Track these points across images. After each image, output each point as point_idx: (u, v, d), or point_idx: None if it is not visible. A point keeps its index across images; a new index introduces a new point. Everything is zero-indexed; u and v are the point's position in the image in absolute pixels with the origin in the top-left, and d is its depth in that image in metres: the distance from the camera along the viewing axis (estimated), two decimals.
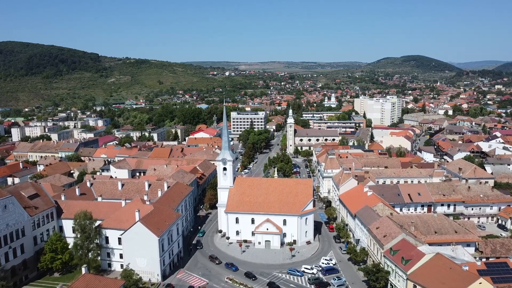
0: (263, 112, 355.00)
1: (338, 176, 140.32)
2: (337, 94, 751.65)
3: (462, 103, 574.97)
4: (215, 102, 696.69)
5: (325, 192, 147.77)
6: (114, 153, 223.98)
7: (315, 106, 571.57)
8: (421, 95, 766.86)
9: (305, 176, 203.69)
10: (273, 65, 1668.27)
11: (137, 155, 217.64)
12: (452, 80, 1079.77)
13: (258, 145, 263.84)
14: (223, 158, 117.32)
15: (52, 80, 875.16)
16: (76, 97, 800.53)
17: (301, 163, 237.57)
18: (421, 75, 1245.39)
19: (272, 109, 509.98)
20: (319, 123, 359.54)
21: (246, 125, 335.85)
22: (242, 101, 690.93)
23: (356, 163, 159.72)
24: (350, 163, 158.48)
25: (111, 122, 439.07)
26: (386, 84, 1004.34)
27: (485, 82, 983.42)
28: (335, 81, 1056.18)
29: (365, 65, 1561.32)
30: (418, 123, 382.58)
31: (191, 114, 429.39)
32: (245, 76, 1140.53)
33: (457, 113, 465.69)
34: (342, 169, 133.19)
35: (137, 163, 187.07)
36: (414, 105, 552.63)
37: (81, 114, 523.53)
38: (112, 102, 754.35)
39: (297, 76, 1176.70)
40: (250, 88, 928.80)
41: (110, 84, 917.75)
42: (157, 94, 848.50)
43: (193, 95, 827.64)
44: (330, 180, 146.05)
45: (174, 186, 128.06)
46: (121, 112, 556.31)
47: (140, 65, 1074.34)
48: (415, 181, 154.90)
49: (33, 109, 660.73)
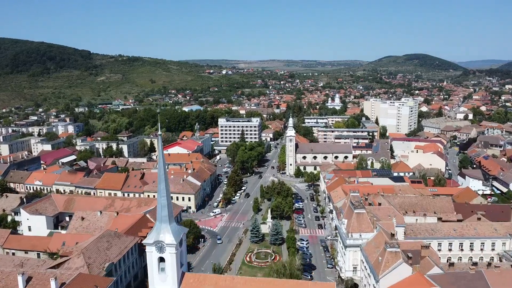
0: (258, 119, 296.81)
1: (372, 247, 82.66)
2: (340, 94, 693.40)
3: (478, 105, 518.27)
4: (209, 102, 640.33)
5: (349, 270, 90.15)
6: (52, 180, 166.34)
7: (317, 108, 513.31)
8: (430, 95, 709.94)
9: (310, 216, 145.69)
10: (273, 63, 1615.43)
11: (80, 183, 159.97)
12: (458, 80, 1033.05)
13: (249, 164, 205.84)
14: (157, 240, 59.47)
15: (38, 78, 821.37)
16: (61, 96, 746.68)
17: (304, 191, 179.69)
18: (425, 74, 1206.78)
19: (270, 112, 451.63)
20: (325, 131, 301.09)
21: (237, 133, 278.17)
22: (237, 102, 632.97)
23: (392, 213, 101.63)
24: (386, 214, 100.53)
25: (85, 127, 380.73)
26: (390, 83, 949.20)
27: (493, 82, 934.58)
28: (337, 80, 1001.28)
29: (367, 64, 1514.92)
30: (440, 131, 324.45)
31: (176, 119, 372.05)
32: (243, 75, 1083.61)
33: (478, 117, 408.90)
34: (385, 248, 75.27)
35: (67, 202, 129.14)
36: (427, 108, 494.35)
37: (53, 117, 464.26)
38: (99, 102, 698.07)
39: (297, 75, 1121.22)
40: (247, 87, 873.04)
41: (99, 83, 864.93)
42: (148, 94, 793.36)
43: (186, 94, 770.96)
44: (357, 251, 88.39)
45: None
46: (101, 114, 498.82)
47: (133, 63, 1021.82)
48: (488, 244, 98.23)
49: (11, 110, 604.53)
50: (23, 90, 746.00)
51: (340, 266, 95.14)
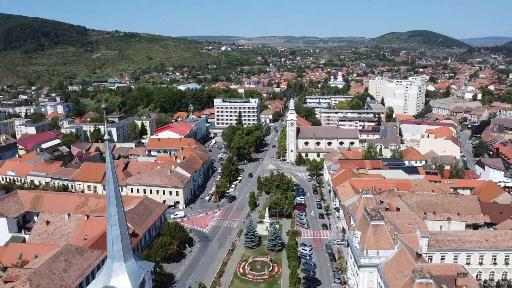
0: (256, 99, 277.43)
1: (394, 270, 66.27)
2: (342, 71, 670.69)
3: (486, 84, 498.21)
4: (207, 80, 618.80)
5: None
6: (27, 170, 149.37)
7: (319, 86, 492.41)
8: (435, 73, 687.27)
9: (313, 213, 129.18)
10: (273, 40, 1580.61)
11: (57, 174, 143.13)
12: (463, 57, 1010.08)
13: (246, 150, 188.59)
14: (107, 286, 42.59)
15: (32, 55, 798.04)
16: (55, 74, 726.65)
17: (306, 181, 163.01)
18: (429, 51, 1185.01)
19: (270, 91, 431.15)
20: (328, 113, 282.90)
21: (235, 115, 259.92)
22: (237, 80, 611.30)
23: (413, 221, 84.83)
24: (406, 221, 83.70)
25: (75, 107, 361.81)
26: (393, 60, 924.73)
27: (499, 60, 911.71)
28: (339, 57, 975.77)
29: (369, 40, 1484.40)
30: (450, 112, 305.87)
31: (170, 98, 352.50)
32: (243, 52, 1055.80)
33: (487, 97, 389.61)
34: (413, 278, 58.70)
35: (35, 200, 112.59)
36: (434, 87, 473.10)
37: (43, 97, 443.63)
38: (94, 80, 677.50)
39: (298, 52, 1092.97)
40: (247, 64, 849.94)
41: (94, 60, 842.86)
42: (144, 71, 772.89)
43: (184, 72, 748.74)
44: (373, 272, 71.97)
45: None
46: (95, 93, 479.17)
47: (130, 39, 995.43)
48: None
49: (2, 88, 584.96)
50: (16, 68, 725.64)
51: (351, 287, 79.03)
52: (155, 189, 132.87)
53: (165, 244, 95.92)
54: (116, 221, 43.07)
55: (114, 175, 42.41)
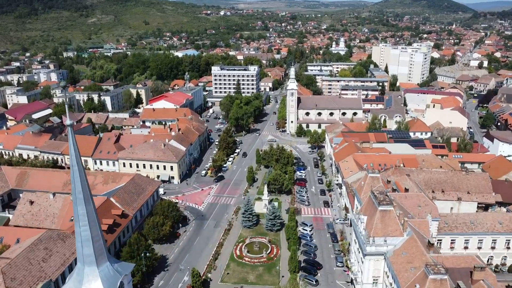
0: (255, 67, 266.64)
1: (403, 260, 60.70)
2: (344, 37, 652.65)
3: (492, 51, 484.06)
4: (205, 46, 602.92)
5: (367, 283, 68.69)
6: (15, 142, 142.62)
7: (321, 53, 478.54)
8: (439, 39, 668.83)
9: (314, 189, 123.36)
10: (274, 3, 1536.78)
11: (45, 147, 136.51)
12: (468, 23, 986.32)
13: (244, 121, 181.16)
14: None
15: (25, 20, 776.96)
16: (49, 40, 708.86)
17: (307, 154, 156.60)
18: (433, 16, 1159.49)
19: (270, 58, 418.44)
20: (330, 81, 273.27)
21: (233, 83, 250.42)
22: (236, 46, 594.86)
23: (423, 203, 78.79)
24: (415, 203, 77.61)
25: (69, 75, 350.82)
26: (397, 26, 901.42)
27: (505, 25, 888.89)
28: (341, 22, 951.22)
29: (372, 5, 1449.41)
30: (455, 81, 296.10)
31: (167, 65, 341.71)
32: (242, 16, 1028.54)
33: (493, 65, 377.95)
34: (426, 273, 52.85)
35: (20, 177, 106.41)
36: (438, 54, 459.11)
37: (37, 64, 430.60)
38: (89, 46, 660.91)
39: (299, 16, 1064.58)
40: (247, 29, 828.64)
41: (90, 25, 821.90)
42: (141, 37, 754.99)
43: (182, 38, 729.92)
44: (380, 260, 66.48)
45: None
46: (90, 59, 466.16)
47: (126, 3, 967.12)
48: None
49: None
50: (9, 33, 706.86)
51: (355, 274, 73.79)
52: (148, 164, 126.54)
53: (158, 225, 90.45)
54: (86, 221, 36.45)
55: (80, 167, 35.48)
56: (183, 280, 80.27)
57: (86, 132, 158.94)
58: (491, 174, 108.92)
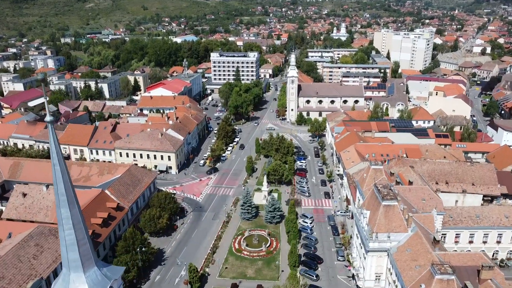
0: (255, 54, 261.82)
1: (407, 257, 58.43)
2: (346, 23, 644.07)
3: (495, 37, 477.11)
4: (205, 32, 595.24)
5: (370, 280, 66.51)
6: (9, 131, 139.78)
7: (321, 39, 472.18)
8: (442, 25, 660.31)
9: (315, 180, 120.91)
10: None
11: (40, 136, 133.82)
12: (470, 8, 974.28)
13: (244, 109, 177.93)
14: None
15: (22, 5, 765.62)
16: (46, 25, 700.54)
17: (307, 143, 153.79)
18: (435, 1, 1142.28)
19: (270, 44, 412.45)
20: (331, 68, 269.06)
21: (232, 70, 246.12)
22: (235, 31, 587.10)
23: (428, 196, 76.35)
24: (419, 196, 75.16)
25: (66, 61, 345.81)
26: (399, 11, 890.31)
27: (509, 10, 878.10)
28: (342, 7, 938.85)
29: None
30: (458, 68, 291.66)
31: (166, 51, 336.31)
32: (242, 1, 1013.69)
33: (497, 51, 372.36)
34: (432, 273, 50.53)
35: (14, 168, 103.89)
36: (441, 39, 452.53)
37: (34, 50, 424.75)
38: (87, 31, 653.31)
39: (300, 1, 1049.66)
40: (246, 15, 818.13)
41: (87, 10, 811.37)
42: (139, 22, 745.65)
43: (181, 23, 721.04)
44: (383, 257, 64.26)
45: None
46: (87, 45, 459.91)
47: None
48: None
49: None
50: (5, 18, 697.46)
51: (356, 270, 71.67)
52: (145, 154, 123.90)
53: (154, 217, 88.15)
54: (70, 224, 33.89)
55: (63, 167, 32.78)
56: (180, 274, 78.26)
57: (82, 120, 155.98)
58: (495, 165, 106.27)
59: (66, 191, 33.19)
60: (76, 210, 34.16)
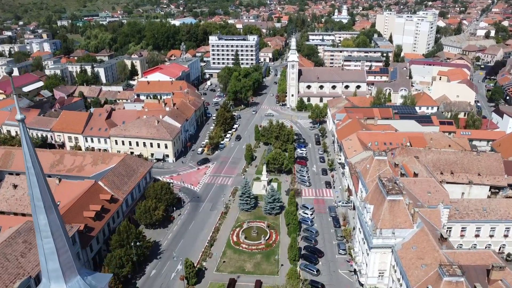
0: (255, 37, 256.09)
1: (412, 255, 55.70)
2: (347, 4, 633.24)
3: (500, 20, 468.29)
4: (204, 14, 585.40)
5: (373, 277, 63.98)
6: (3, 118, 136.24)
7: (322, 21, 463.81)
8: (445, 7, 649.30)
9: (316, 169, 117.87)
10: None
11: (34, 124, 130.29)
12: None
13: (243, 94, 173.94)
14: None
15: None
16: (43, 8, 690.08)
17: (308, 130, 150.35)
18: None
19: (270, 27, 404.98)
20: (332, 51, 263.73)
21: (231, 54, 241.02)
22: (235, 14, 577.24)
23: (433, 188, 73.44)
24: (425, 189, 72.28)
25: (63, 44, 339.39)
26: None
27: None
28: None
29: None
30: (462, 51, 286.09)
31: (164, 34, 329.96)
32: None
33: (501, 34, 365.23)
34: (441, 275, 47.78)
35: (5, 157, 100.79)
36: (444, 22, 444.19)
37: (29, 33, 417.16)
38: (84, 14, 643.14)
39: None
40: None
41: None
42: (137, 4, 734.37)
43: (179, 5, 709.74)
44: (386, 253, 61.66)
45: None
46: (84, 28, 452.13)
47: None
48: None
49: None
50: (1, 0, 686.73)
51: (359, 266, 69.15)
52: (142, 142, 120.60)
53: (150, 209, 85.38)
54: (48, 231, 30.69)
55: (38, 169, 29.44)
56: (177, 269, 75.75)
57: (77, 107, 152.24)
58: (501, 153, 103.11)
59: (43, 196, 29.89)
60: (54, 216, 30.93)
